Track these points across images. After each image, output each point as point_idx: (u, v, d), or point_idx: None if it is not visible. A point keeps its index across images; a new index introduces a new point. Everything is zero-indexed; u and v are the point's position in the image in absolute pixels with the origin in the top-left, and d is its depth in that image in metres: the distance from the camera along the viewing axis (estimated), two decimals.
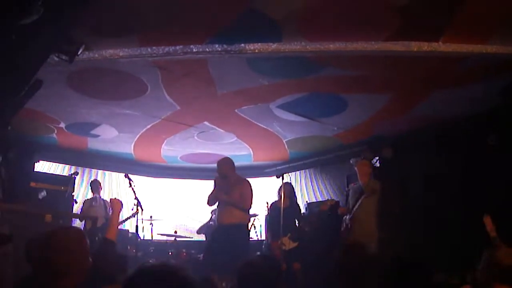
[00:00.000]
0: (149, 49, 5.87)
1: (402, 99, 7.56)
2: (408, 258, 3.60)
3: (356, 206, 7.54)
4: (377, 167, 8.97)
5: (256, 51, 5.72)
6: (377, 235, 7.32)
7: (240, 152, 10.92)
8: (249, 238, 8.29)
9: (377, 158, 9.08)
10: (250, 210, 8.10)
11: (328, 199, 9.51)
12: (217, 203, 8.10)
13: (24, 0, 3.88)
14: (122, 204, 4.92)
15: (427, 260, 6.55)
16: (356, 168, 7.99)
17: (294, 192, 9.20)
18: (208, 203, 8.17)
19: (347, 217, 7.72)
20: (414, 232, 7.83)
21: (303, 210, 9.70)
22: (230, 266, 5.20)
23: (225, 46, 5.73)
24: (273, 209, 9.00)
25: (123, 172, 8.93)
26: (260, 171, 12.25)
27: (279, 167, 11.70)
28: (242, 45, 5.69)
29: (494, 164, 7.32)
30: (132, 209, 8.47)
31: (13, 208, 7.39)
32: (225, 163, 8.14)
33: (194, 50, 5.81)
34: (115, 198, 5.30)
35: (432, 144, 8.32)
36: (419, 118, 8.29)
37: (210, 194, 8.05)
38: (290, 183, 9.32)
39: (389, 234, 7.51)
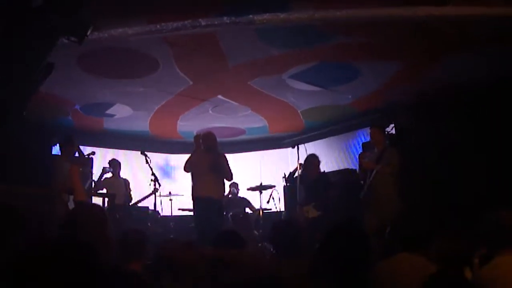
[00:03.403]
0: (158, 26, 5.86)
1: (414, 65, 7.50)
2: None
3: (373, 175, 7.47)
4: (393, 134, 8.92)
5: (265, 21, 5.68)
6: (397, 204, 7.20)
7: (256, 124, 10.90)
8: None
9: (392, 125, 9.02)
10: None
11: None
12: (195, 177, 8.27)
13: None
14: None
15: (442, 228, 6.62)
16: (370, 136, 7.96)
17: (319, 162, 9.11)
18: (186, 169, 8.32)
19: (365, 186, 7.65)
20: (428, 199, 7.80)
21: None
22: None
23: (233, 18, 5.70)
24: (293, 180, 9.03)
25: (140, 150, 9.01)
26: (277, 142, 12.21)
27: (296, 138, 11.63)
28: (251, 16, 5.66)
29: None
30: (150, 185, 8.58)
31: (31, 191, 7.48)
32: (213, 136, 8.34)
33: (202, 23, 5.78)
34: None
35: (448, 110, 8.25)
36: (434, 84, 8.18)
37: (189, 162, 8.28)
38: (314, 154, 9.23)
39: (408, 202, 7.49)
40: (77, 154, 8.48)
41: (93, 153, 9.50)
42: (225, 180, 8.32)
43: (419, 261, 3.31)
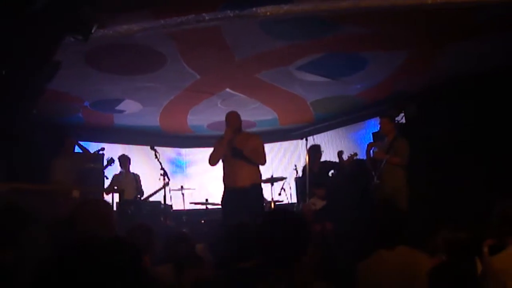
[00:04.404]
0: (162, 21, 5.90)
1: (421, 54, 7.48)
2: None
3: (382, 165, 7.47)
4: (403, 123, 8.92)
5: (268, 13, 5.68)
6: (406, 191, 7.25)
7: (266, 116, 10.89)
8: (263, 200, 7.64)
9: (402, 114, 9.00)
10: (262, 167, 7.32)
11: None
12: (222, 165, 7.23)
13: None
14: None
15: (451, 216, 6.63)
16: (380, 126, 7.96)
17: (320, 154, 9.11)
18: (210, 162, 7.16)
19: (375, 175, 7.66)
20: (439, 187, 7.81)
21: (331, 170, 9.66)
22: None
23: (237, 11, 5.71)
24: (303, 172, 9.03)
25: (150, 145, 9.05)
26: (287, 134, 12.23)
27: (306, 129, 11.66)
28: (254, 9, 5.66)
29: None
30: (160, 179, 8.65)
31: (42, 188, 7.58)
32: (238, 116, 7.20)
33: (206, 18, 5.80)
34: None
35: (458, 99, 8.22)
36: (442, 73, 8.18)
37: (214, 153, 7.13)
38: (316, 145, 9.25)
39: (417, 190, 7.52)
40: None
41: (103, 149, 9.59)
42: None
43: (400, 255, 3.26)
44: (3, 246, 3.36)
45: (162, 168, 8.60)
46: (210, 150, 7.21)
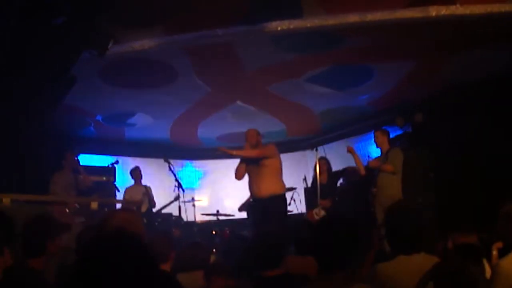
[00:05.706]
0: (175, 37, 6.05)
1: (428, 64, 7.60)
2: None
3: (377, 174, 7.68)
4: (409, 132, 9.07)
5: (279, 28, 5.83)
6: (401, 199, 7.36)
7: (274, 128, 10.98)
8: (286, 208, 7.89)
9: (408, 123, 9.14)
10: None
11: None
12: (248, 177, 7.64)
13: (53, 1, 4.08)
14: None
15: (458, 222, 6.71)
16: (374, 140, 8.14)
17: (328, 165, 9.21)
18: (236, 176, 7.69)
19: (372, 184, 7.84)
20: (445, 195, 7.92)
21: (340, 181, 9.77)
22: None
23: (248, 26, 5.86)
24: (312, 183, 9.13)
25: (162, 157, 9.17)
26: (295, 145, 12.29)
27: (314, 140, 11.73)
28: (265, 24, 5.81)
29: None
30: (174, 191, 8.74)
31: (60, 199, 7.71)
32: (257, 133, 7.73)
33: (219, 33, 5.95)
34: None
35: (464, 107, 8.30)
36: (449, 81, 8.25)
37: (236, 169, 7.66)
38: (325, 157, 9.33)
39: (419, 198, 7.68)
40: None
41: (117, 162, 9.70)
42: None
43: (418, 261, 3.20)
44: (34, 254, 3.51)
45: (176, 180, 8.70)
46: (220, 161, 7.49)
